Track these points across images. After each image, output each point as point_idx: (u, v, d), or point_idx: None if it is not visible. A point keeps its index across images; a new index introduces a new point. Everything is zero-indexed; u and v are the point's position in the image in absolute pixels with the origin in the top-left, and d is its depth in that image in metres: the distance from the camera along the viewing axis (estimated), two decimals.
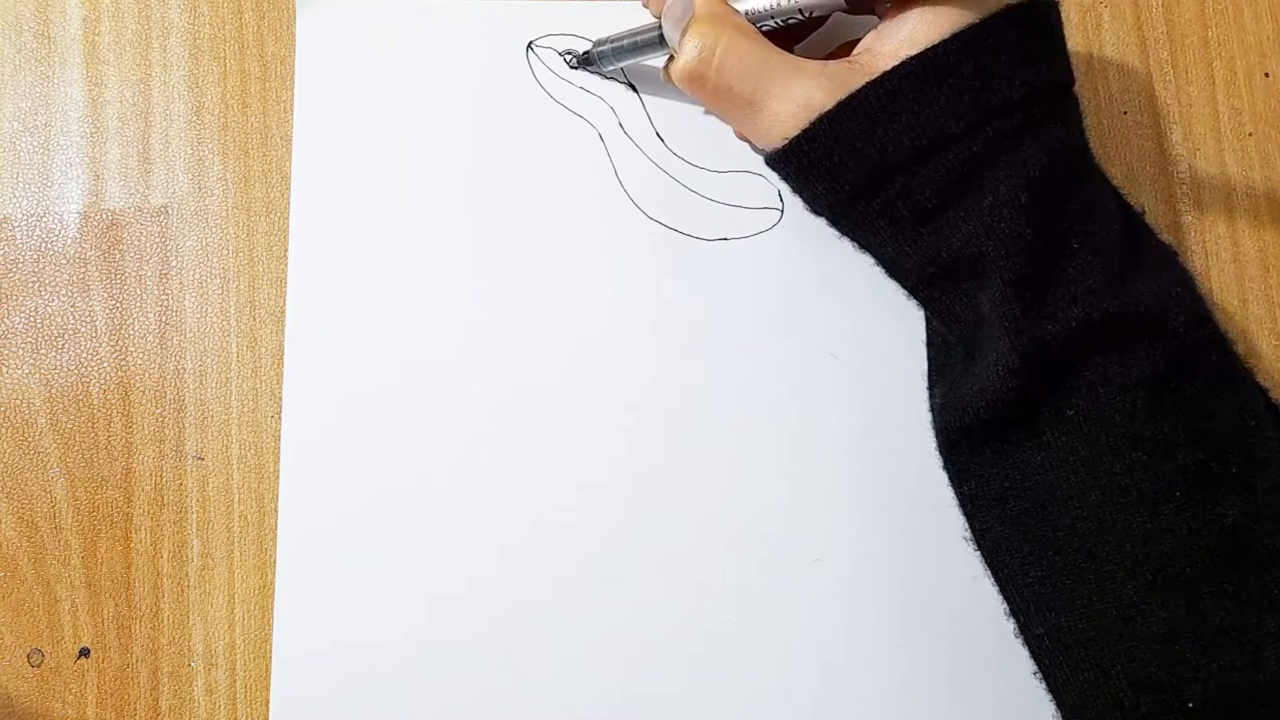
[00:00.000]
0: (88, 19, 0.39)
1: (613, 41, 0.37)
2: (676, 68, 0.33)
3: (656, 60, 0.38)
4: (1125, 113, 0.40)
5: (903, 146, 0.30)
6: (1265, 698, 0.28)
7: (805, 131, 0.31)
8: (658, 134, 0.39)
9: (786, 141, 0.32)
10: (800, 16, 0.33)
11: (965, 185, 0.30)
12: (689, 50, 0.33)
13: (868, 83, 0.31)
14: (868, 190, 0.31)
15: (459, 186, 0.38)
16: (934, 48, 0.30)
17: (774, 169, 0.34)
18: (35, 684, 0.36)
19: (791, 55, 0.33)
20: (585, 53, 0.38)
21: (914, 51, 0.30)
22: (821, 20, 0.37)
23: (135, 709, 0.36)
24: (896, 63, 0.30)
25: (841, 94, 0.31)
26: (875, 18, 0.33)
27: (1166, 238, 0.34)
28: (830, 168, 0.32)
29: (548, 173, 0.39)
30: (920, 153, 0.30)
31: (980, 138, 0.30)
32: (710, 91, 0.33)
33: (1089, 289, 0.30)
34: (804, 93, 0.31)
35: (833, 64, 0.32)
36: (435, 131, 0.39)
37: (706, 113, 0.39)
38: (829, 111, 0.31)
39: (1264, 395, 0.33)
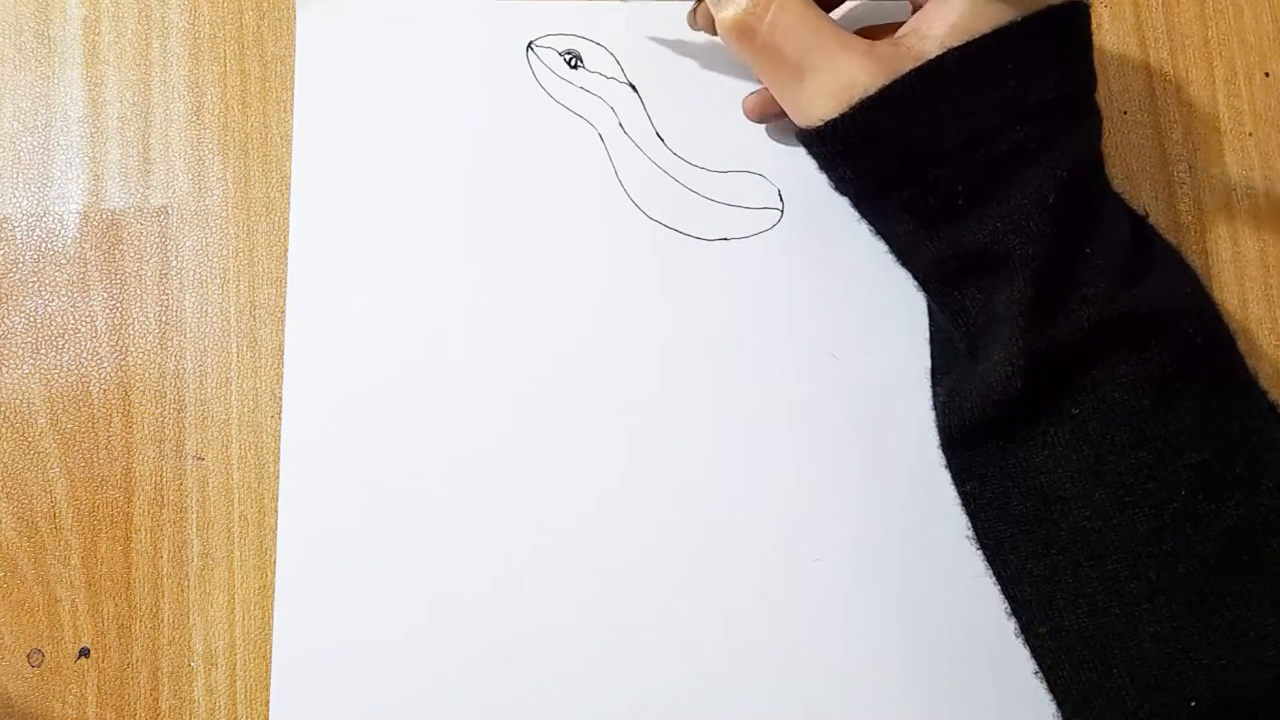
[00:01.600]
0: (88, 19, 0.39)
1: None
2: (726, 15, 0.32)
3: (684, 3, 0.37)
4: (1125, 113, 0.40)
5: (940, 138, 0.30)
6: (1268, 698, 0.28)
7: (846, 115, 0.31)
8: (658, 134, 0.39)
9: (823, 122, 0.32)
10: None
11: (996, 182, 0.30)
12: (742, 0, 0.32)
13: (913, 70, 0.30)
14: (900, 180, 0.31)
15: (459, 186, 0.38)
16: (981, 41, 0.30)
17: (806, 145, 0.33)
18: (35, 684, 0.36)
19: (841, 29, 0.32)
20: None
21: (959, 41, 0.30)
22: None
23: (135, 709, 0.36)
24: (942, 50, 0.30)
25: (885, 78, 0.30)
26: (903, 2, 0.33)
27: (1170, 240, 0.34)
28: (865, 153, 0.31)
29: (548, 172, 0.39)
30: (956, 146, 0.30)
31: (1014, 136, 0.30)
32: (758, 49, 0.32)
33: (1101, 291, 0.30)
34: (849, 71, 0.31)
35: (879, 44, 0.32)
36: (435, 131, 0.39)
37: (753, 69, 0.38)
38: (872, 97, 0.31)
39: (1265, 396, 0.33)
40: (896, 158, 0.31)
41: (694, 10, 0.37)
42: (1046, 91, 0.30)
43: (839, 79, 0.31)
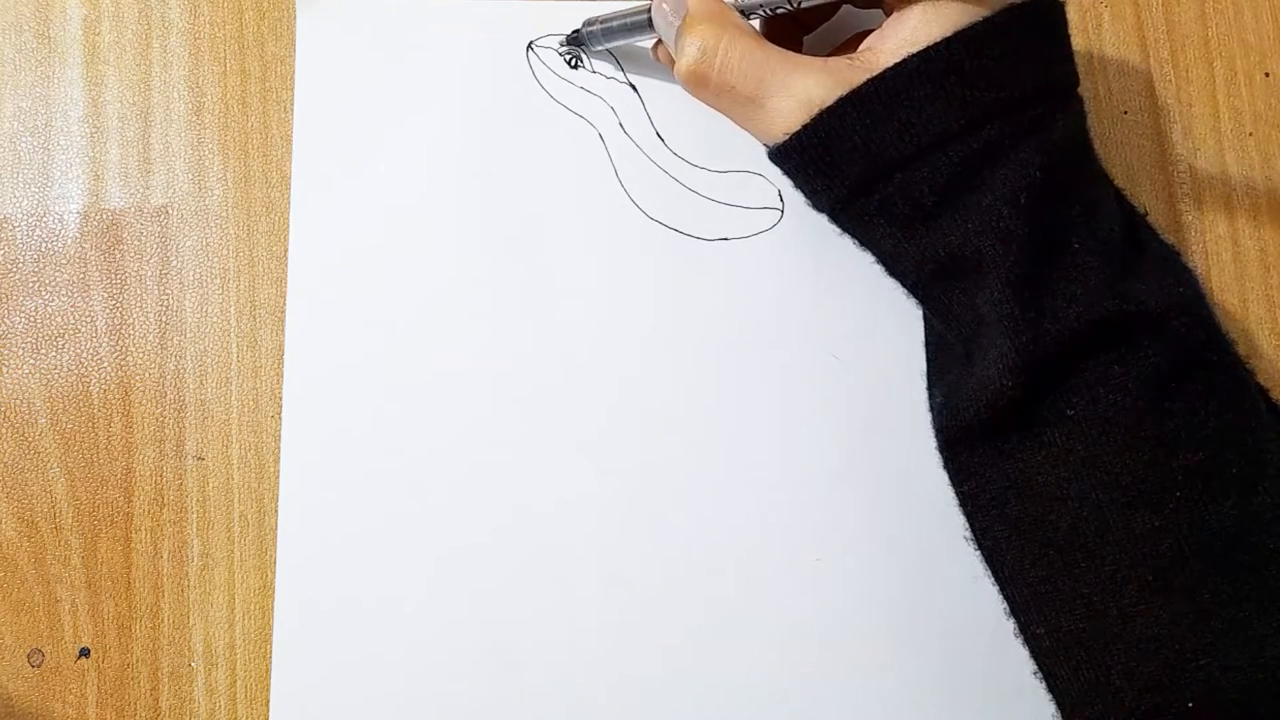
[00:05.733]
0: (88, 19, 0.39)
1: (602, 21, 0.37)
2: (679, 69, 0.34)
3: (645, 41, 0.38)
4: (1125, 113, 0.40)
5: (902, 144, 0.30)
6: (1265, 698, 0.28)
7: (806, 127, 0.31)
8: (658, 134, 0.39)
9: (787, 137, 0.32)
10: (789, 7, 0.33)
11: (964, 184, 0.30)
12: (691, 52, 0.33)
13: (868, 79, 0.31)
14: (867, 187, 0.31)
15: (459, 186, 0.38)
16: (935, 46, 0.30)
17: (776, 164, 0.34)
18: (35, 684, 0.36)
19: (791, 52, 0.33)
20: (575, 32, 0.39)
21: (915, 49, 0.30)
22: (830, 13, 0.37)
23: (135, 709, 0.36)
24: (897, 60, 0.30)
25: (842, 90, 0.31)
26: (881, 13, 0.33)
27: (1168, 238, 0.34)
28: (830, 164, 0.32)
29: (548, 172, 0.39)
30: (920, 150, 0.30)
31: (980, 137, 0.30)
32: (713, 91, 0.33)
33: (1089, 289, 0.30)
34: (804, 89, 0.31)
35: (833, 60, 0.32)
36: (435, 131, 0.39)
37: (715, 110, 0.39)
38: (829, 107, 0.31)
39: (1265, 395, 0.33)
40: (862, 165, 0.31)
41: (654, 48, 0.38)
42: (1010, 91, 0.30)
43: (796, 97, 0.32)
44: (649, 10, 0.35)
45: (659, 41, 0.37)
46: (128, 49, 0.39)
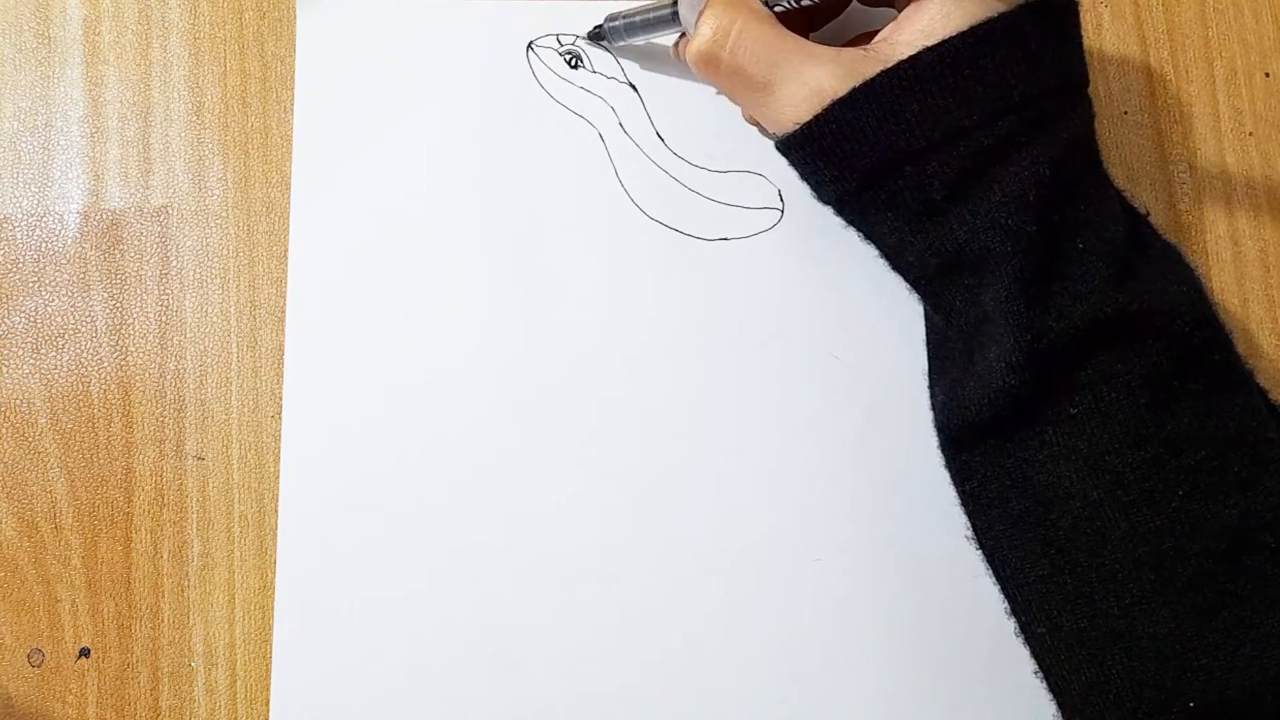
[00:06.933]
0: (88, 19, 0.39)
1: (625, 17, 0.37)
2: (691, 49, 0.33)
3: (667, 39, 0.38)
4: (1125, 113, 0.40)
5: (914, 137, 0.30)
6: (1267, 697, 0.28)
7: (817, 117, 0.31)
8: (658, 134, 0.39)
9: (797, 126, 0.32)
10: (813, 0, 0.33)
11: (974, 180, 0.30)
12: (704, 32, 0.33)
13: (882, 71, 0.30)
14: (876, 179, 0.31)
15: (459, 186, 0.38)
16: (950, 40, 0.30)
17: (784, 154, 0.34)
18: (35, 684, 0.36)
19: (805, 40, 0.33)
20: (597, 27, 0.38)
21: (930, 43, 0.30)
22: (840, 8, 0.37)
23: (135, 709, 0.36)
24: (912, 53, 0.30)
25: (855, 81, 0.31)
26: (893, 10, 0.33)
27: (1170, 238, 0.34)
28: (839, 155, 0.32)
29: (548, 172, 0.39)
30: (931, 144, 0.30)
31: (992, 133, 0.30)
32: (724, 74, 0.33)
33: (1094, 288, 0.30)
34: (816, 78, 0.31)
35: (847, 51, 0.32)
36: (435, 131, 0.39)
37: (717, 93, 0.39)
38: (842, 97, 0.31)
39: (1264, 396, 0.33)
40: (872, 158, 0.31)
41: (676, 45, 0.38)
42: (1025, 88, 0.30)
43: (808, 86, 0.32)
44: (672, 6, 0.35)
45: (680, 37, 0.37)
46: (128, 49, 0.39)
